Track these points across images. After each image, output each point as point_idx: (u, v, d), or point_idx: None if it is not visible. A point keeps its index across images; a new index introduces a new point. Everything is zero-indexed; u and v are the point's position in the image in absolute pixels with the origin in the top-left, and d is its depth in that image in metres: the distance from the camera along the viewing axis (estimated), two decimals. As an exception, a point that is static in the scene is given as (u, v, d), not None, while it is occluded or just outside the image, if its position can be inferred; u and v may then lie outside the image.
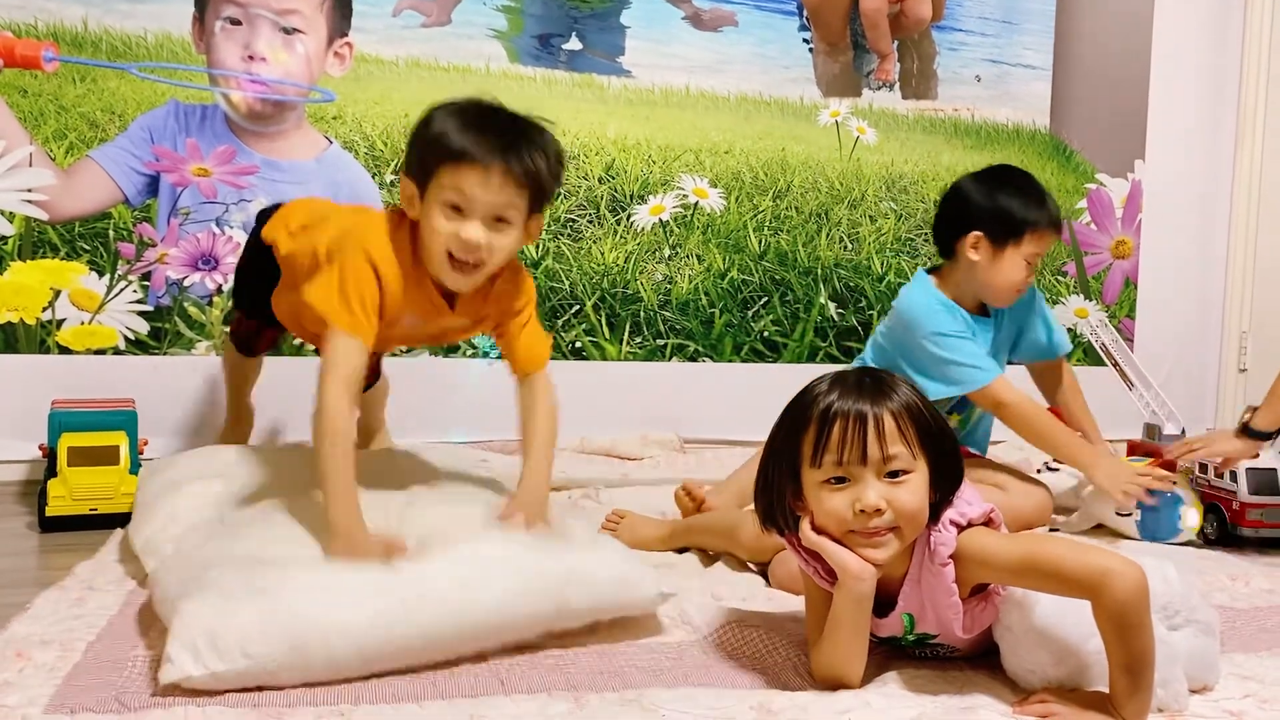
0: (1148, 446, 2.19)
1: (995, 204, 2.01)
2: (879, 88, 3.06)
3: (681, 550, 1.82)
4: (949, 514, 1.16)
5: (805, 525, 1.18)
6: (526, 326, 1.61)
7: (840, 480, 1.14)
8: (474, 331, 1.67)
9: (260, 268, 1.77)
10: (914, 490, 1.13)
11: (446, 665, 1.23)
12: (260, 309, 1.84)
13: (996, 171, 2.08)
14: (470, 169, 1.41)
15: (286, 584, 1.20)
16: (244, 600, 1.16)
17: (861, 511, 1.12)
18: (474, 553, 1.30)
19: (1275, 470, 1.97)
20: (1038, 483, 2.09)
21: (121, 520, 1.90)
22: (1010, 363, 2.17)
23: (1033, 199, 2.01)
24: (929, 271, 2.11)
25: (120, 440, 2.03)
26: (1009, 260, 1.99)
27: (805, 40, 2.99)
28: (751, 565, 1.68)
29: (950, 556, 1.14)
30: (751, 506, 1.26)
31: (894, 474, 1.13)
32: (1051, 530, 2.03)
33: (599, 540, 1.50)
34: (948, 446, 1.17)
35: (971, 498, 1.19)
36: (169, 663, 1.10)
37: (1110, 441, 2.71)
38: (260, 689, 1.13)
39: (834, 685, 1.18)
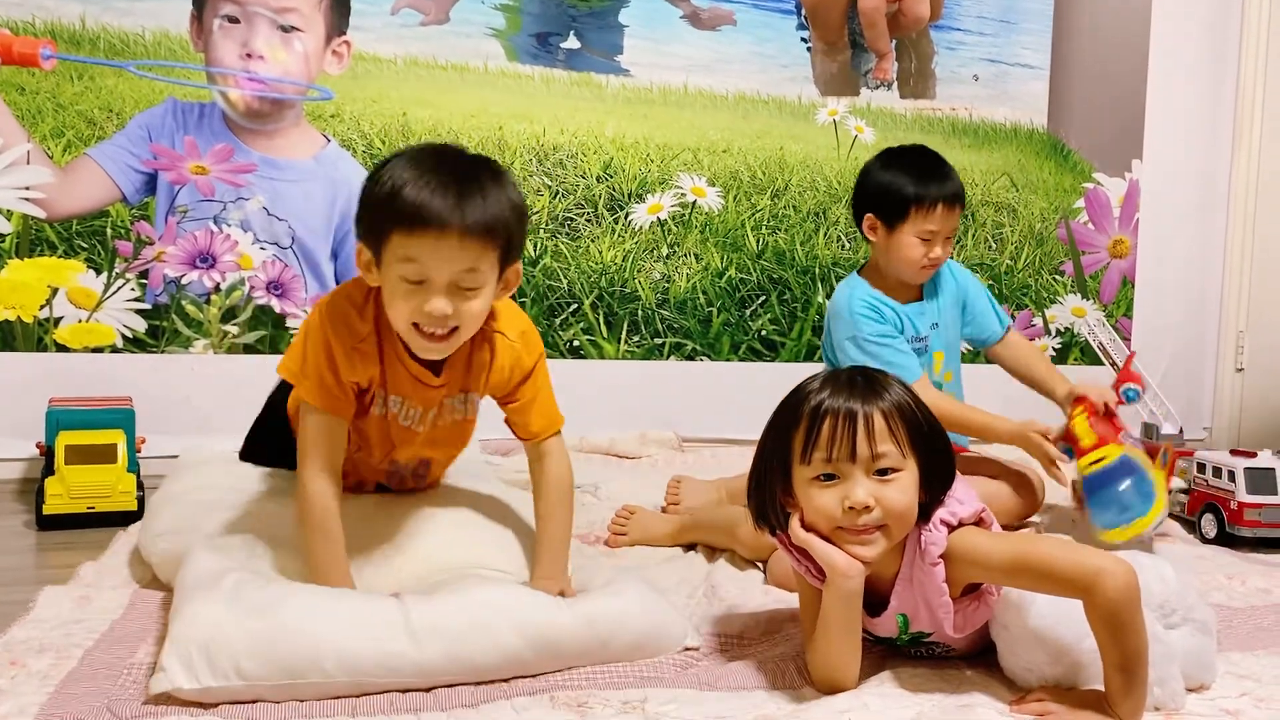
0: (1145, 446, 2.20)
1: (882, 183, 2.00)
2: (877, 87, 3.06)
3: (688, 546, 1.84)
4: (940, 513, 1.16)
5: (795, 522, 1.18)
6: (543, 390, 1.46)
7: (830, 477, 1.14)
8: (472, 404, 1.49)
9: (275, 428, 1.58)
10: (903, 489, 1.13)
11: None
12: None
13: (891, 151, 2.07)
14: (424, 234, 1.23)
15: (290, 606, 1.18)
16: (246, 616, 1.15)
17: (850, 509, 1.12)
18: (489, 597, 1.25)
19: (1274, 470, 1.97)
20: (1029, 474, 2.08)
21: (119, 519, 1.90)
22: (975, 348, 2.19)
23: (921, 174, 1.98)
24: (862, 269, 2.10)
25: (118, 438, 2.03)
26: (903, 238, 1.98)
27: (803, 39, 2.99)
28: (757, 564, 1.69)
29: (941, 556, 1.15)
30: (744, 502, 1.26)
31: (883, 472, 1.13)
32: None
33: (622, 581, 1.37)
34: (939, 446, 1.17)
35: (963, 496, 1.19)
36: (161, 672, 1.10)
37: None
38: (253, 699, 1.12)
39: (830, 684, 1.18)
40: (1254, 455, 2.01)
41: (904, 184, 1.98)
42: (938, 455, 1.17)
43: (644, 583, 1.39)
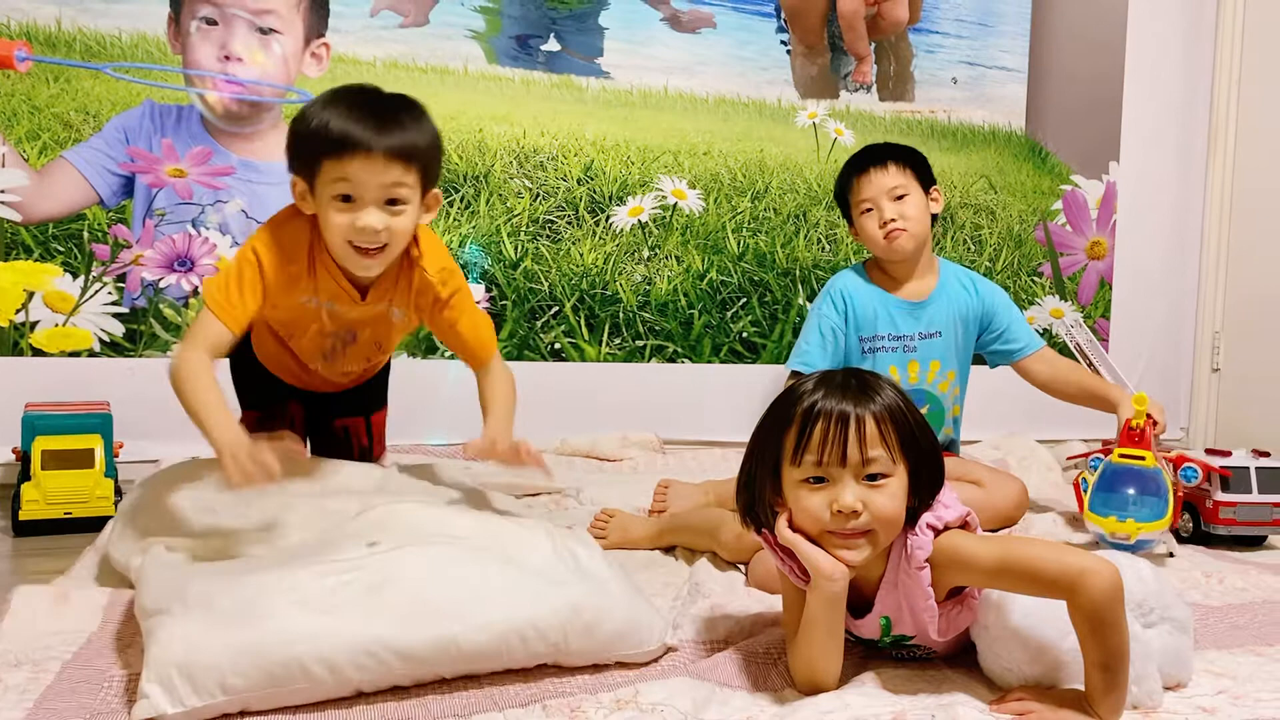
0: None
1: (839, 182, 2.21)
2: (856, 89, 3.07)
3: (668, 549, 1.84)
4: (926, 517, 1.16)
5: (782, 522, 1.18)
6: (464, 314, 1.65)
7: (819, 480, 1.14)
8: (406, 324, 1.69)
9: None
10: (892, 495, 1.14)
11: (436, 683, 1.20)
12: (260, 389, 1.86)
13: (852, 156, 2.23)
14: (353, 156, 1.42)
15: (265, 607, 1.15)
16: (221, 628, 1.12)
17: (838, 512, 1.12)
18: (472, 575, 1.24)
19: (1248, 469, 1.99)
20: (1013, 478, 2.10)
21: (96, 524, 1.88)
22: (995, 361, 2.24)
23: (853, 160, 2.16)
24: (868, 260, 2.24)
25: (95, 443, 2.01)
26: (859, 221, 2.13)
27: (783, 42, 3.00)
28: (738, 566, 1.69)
29: (927, 560, 1.15)
30: (732, 506, 1.26)
31: (873, 477, 1.13)
32: None
33: (604, 573, 1.36)
34: (929, 451, 1.17)
35: (949, 500, 1.20)
36: (143, 699, 1.07)
37: (1087, 440, 2.74)
38: (241, 713, 1.10)
39: (811, 684, 1.18)
40: (1228, 454, 2.03)
41: (841, 179, 2.19)
42: (928, 461, 1.17)
43: (626, 577, 1.38)
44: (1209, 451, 2.06)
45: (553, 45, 2.79)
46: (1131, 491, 1.83)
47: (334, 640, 1.13)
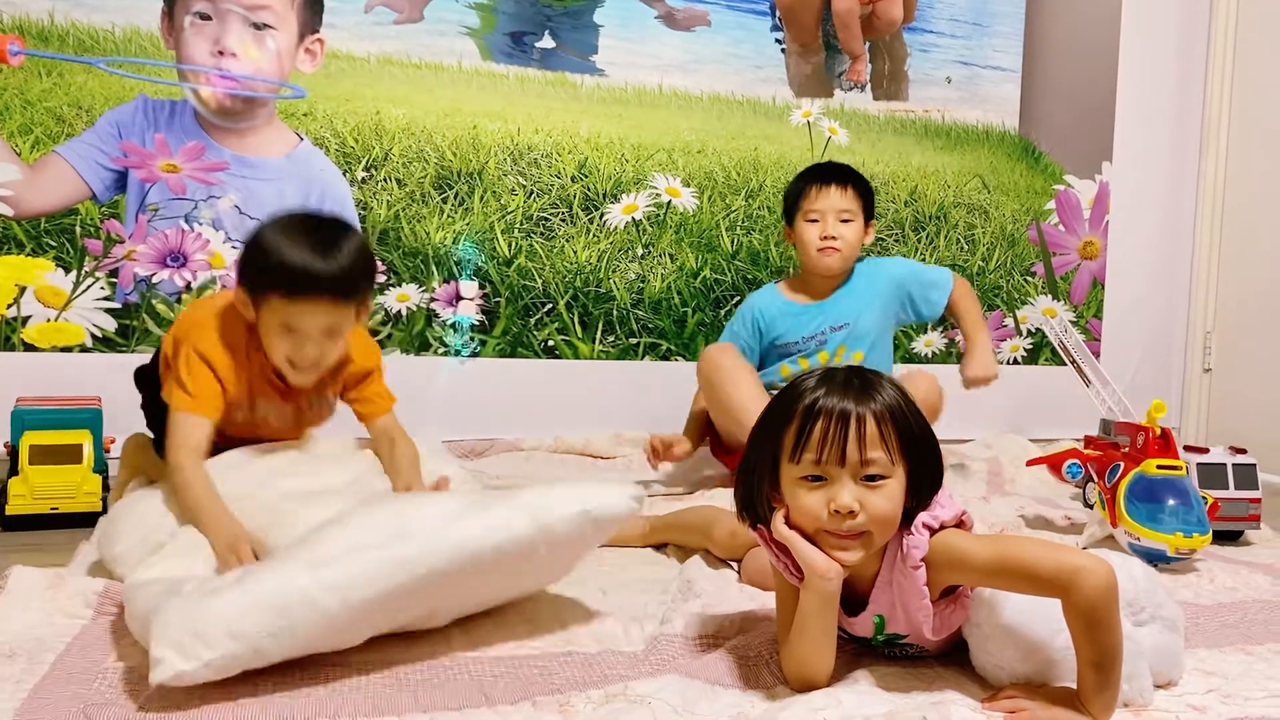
0: (1101, 442, 2.22)
1: (794, 184, 2.35)
2: (851, 88, 3.08)
3: (660, 547, 1.84)
4: (922, 517, 1.16)
5: (778, 518, 1.18)
6: (375, 387, 1.76)
7: (817, 479, 1.14)
8: (328, 402, 1.77)
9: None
10: (889, 497, 1.13)
11: (432, 675, 1.20)
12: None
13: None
14: (301, 303, 1.53)
15: (258, 570, 1.19)
16: (217, 592, 1.14)
17: (835, 512, 1.12)
18: (445, 499, 1.33)
19: (1225, 465, 2.01)
20: (924, 374, 2.26)
21: (83, 519, 1.87)
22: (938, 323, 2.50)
23: (811, 171, 2.33)
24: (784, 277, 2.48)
25: (84, 439, 2.00)
26: (800, 227, 2.31)
27: (778, 41, 3.00)
28: (730, 563, 1.69)
29: (922, 559, 1.15)
30: (723, 503, 1.26)
31: (871, 478, 1.13)
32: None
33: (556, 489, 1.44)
34: (929, 453, 1.17)
35: (944, 499, 1.20)
36: (157, 664, 1.07)
37: (1070, 439, 2.75)
38: (234, 700, 1.10)
39: (803, 681, 1.18)
40: (1206, 451, 2.05)
41: (796, 182, 2.34)
42: (927, 461, 1.17)
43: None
44: (1188, 449, 2.07)
45: (547, 42, 2.78)
46: (1173, 503, 1.81)
47: (334, 568, 1.17)
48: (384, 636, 1.26)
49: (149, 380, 1.77)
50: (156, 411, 1.73)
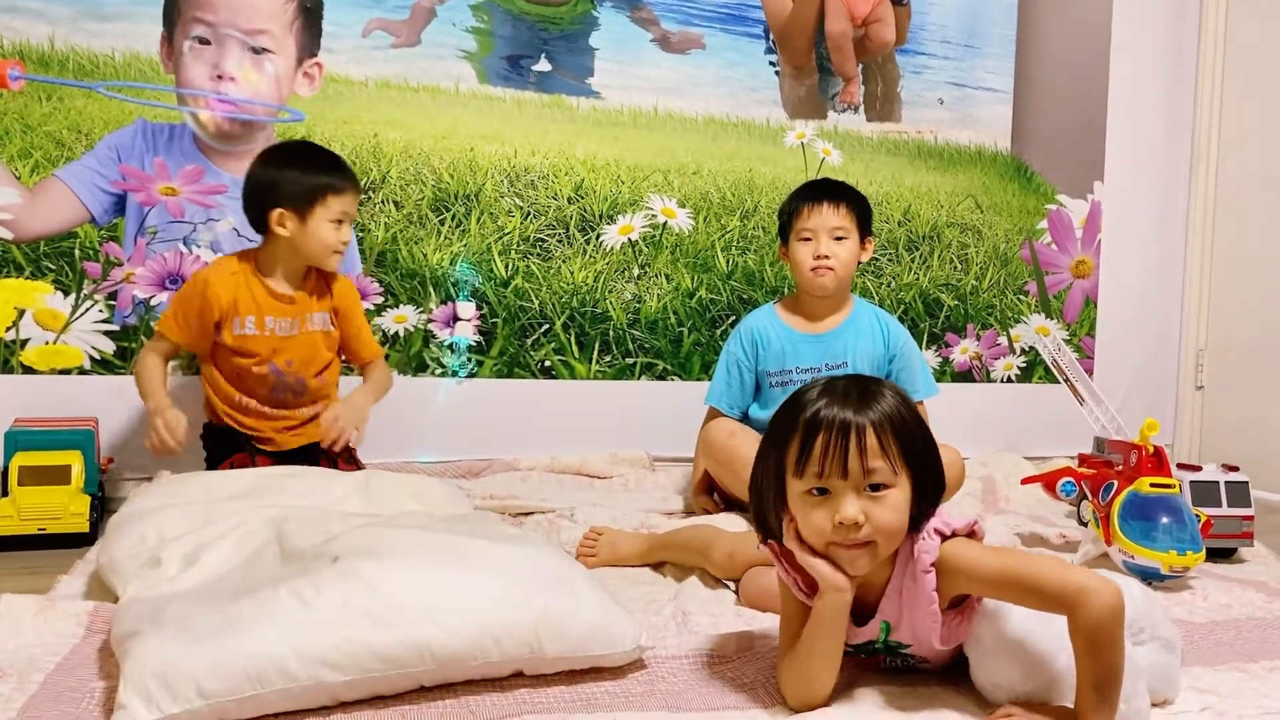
0: (1095, 460, 2.24)
1: (788, 203, 2.30)
2: (844, 110, 3.10)
3: (657, 566, 1.84)
4: (933, 523, 1.17)
5: (790, 533, 1.19)
6: (364, 327, 2.30)
7: (822, 491, 1.15)
8: (329, 339, 2.22)
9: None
10: (893, 506, 1.14)
11: (415, 698, 1.20)
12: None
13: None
14: (346, 194, 2.15)
15: (238, 620, 1.17)
16: (195, 641, 1.13)
17: (840, 524, 1.13)
18: (443, 579, 1.26)
19: (1217, 483, 2.03)
20: (948, 448, 2.15)
21: (70, 541, 1.88)
22: None
23: (804, 189, 2.28)
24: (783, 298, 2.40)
25: (74, 459, 2.00)
26: (794, 246, 2.26)
27: (772, 63, 3.03)
28: (727, 583, 1.70)
29: (932, 564, 1.16)
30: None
31: (875, 487, 1.14)
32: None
33: (574, 577, 1.38)
34: (931, 460, 1.18)
35: (954, 513, 1.21)
36: (121, 709, 1.07)
37: (1064, 457, 2.76)
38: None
39: (802, 700, 1.19)
40: (1199, 469, 2.06)
41: (790, 201, 2.29)
42: (930, 468, 1.18)
43: (592, 579, 1.39)
44: (1180, 467, 2.08)
45: (544, 65, 2.81)
46: (1167, 521, 1.82)
47: (309, 640, 1.15)
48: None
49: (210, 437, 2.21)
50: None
